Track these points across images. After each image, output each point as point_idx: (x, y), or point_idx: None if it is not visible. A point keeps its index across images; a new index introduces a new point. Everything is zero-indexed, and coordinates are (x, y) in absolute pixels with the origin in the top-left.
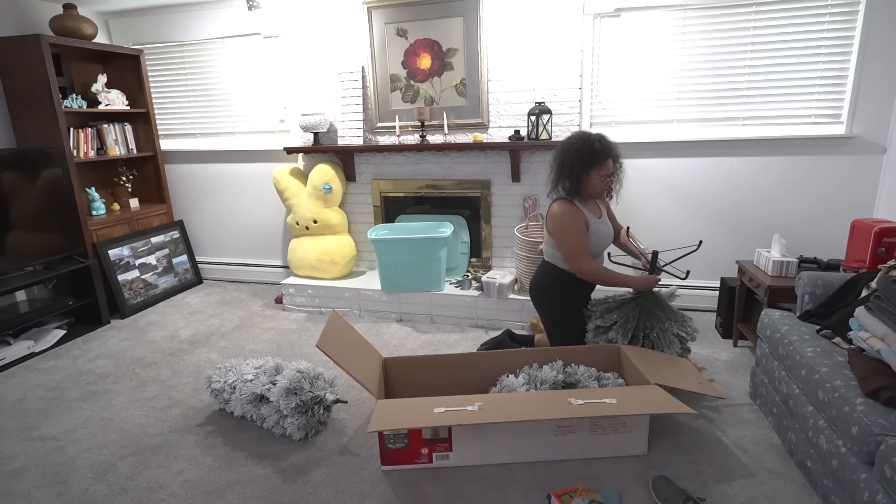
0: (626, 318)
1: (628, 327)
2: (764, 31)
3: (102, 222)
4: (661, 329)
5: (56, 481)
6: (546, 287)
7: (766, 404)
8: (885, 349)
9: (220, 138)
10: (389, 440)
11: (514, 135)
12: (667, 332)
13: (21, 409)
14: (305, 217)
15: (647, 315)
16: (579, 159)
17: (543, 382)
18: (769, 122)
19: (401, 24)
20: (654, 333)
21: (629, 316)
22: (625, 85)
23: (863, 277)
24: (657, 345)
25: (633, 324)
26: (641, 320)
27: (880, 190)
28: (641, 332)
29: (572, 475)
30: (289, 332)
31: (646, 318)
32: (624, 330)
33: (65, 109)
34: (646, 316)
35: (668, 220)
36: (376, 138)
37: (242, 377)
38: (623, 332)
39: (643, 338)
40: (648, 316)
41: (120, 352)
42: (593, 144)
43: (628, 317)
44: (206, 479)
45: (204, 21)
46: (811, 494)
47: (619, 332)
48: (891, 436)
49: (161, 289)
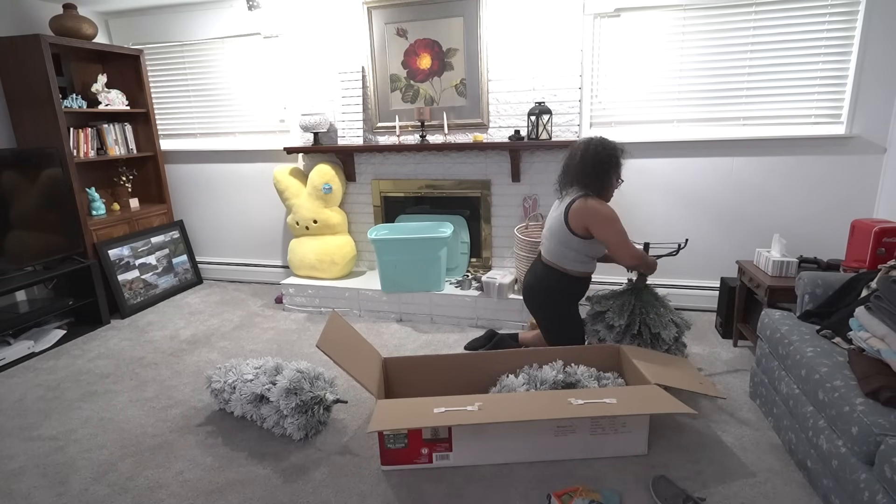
0: (623, 303)
1: (625, 309)
2: (764, 31)
3: (102, 222)
4: (656, 313)
5: (56, 481)
6: (549, 289)
7: (766, 404)
8: (885, 349)
9: (220, 138)
10: (389, 440)
11: (514, 135)
12: (662, 317)
13: (21, 409)
14: (305, 217)
15: (642, 302)
16: (615, 164)
17: (543, 382)
18: (769, 122)
19: (401, 24)
20: (649, 317)
21: (625, 301)
22: (625, 85)
23: (863, 277)
24: (654, 326)
25: (630, 308)
26: (637, 305)
27: (880, 190)
28: (638, 316)
29: (572, 475)
30: (289, 332)
31: (642, 305)
32: (620, 312)
33: (65, 109)
34: (641, 303)
35: (667, 219)
36: (376, 138)
37: (242, 377)
38: (619, 314)
39: (640, 322)
40: (644, 303)
41: (120, 352)
42: (618, 149)
43: (624, 301)
44: (206, 479)
45: (204, 21)
46: (811, 494)
47: (616, 313)
48: (891, 436)
49: (161, 289)
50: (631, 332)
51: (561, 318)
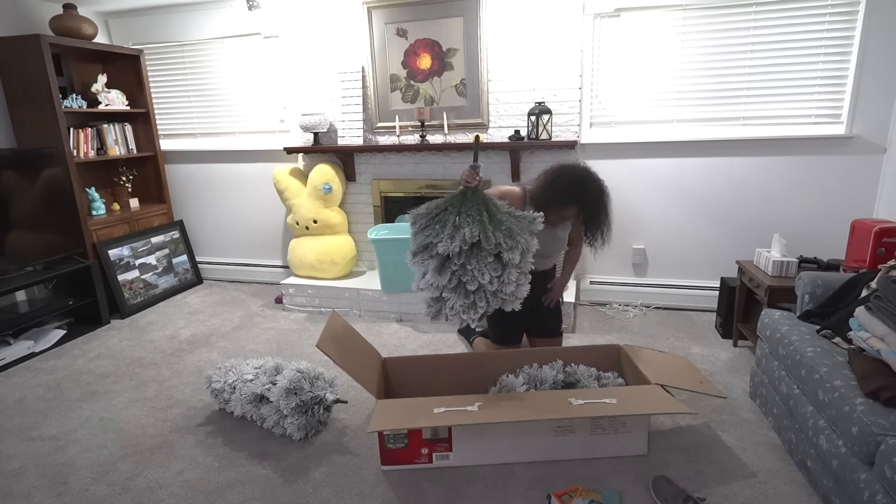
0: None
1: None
2: (764, 31)
3: (102, 222)
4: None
5: (56, 481)
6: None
7: (766, 404)
8: (885, 349)
9: (220, 138)
10: (389, 440)
11: (514, 135)
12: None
13: (21, 409)
14: (305, 217)
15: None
16: (553, 194)
17: (543, 382)
18: (769, 122)
19: (401, 24)
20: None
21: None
22: (625, 85)
23: (863, 277)
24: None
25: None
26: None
27: (880, 190)
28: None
29: (572, 475)
30: (289, 332)
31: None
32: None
33: (65, 109)
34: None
35: (667, 220)
36: (376, 138)
37: (242, 377)
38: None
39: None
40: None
41: (120, 352)
42: (573, 184)
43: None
44: (206, 479)
45: (204, 21)
46: (811, 494)
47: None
48: (891, 436)
49: (161, 289)
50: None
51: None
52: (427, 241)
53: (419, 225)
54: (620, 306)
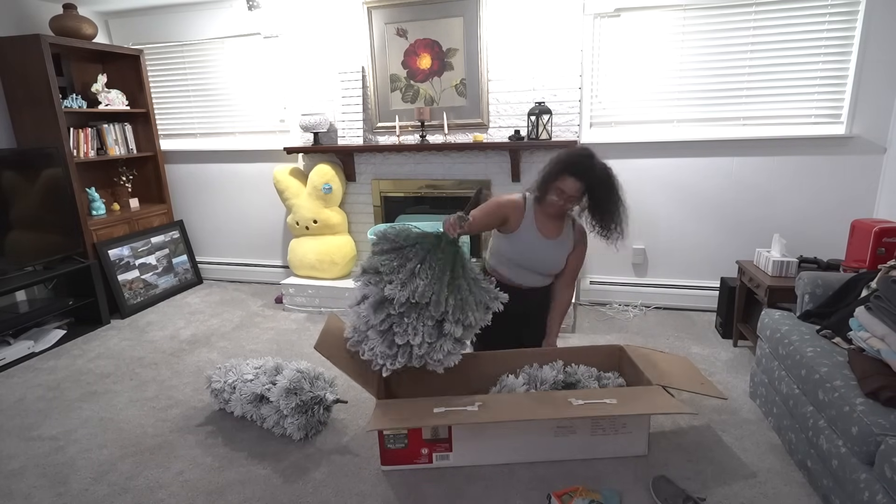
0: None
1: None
2: (764, 31)
3: (102, 222)
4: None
5: (56, 481)
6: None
7: (766, 404)
8: (885, 349)
9: (220, 138)
10: (389, 440)
11: (514, 135)
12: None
13: (21, 409)
14: (305, 217)
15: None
16: (549, 167)
17: (543, 382)
18: (769, 122)
19: (401, 24)
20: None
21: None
22: (625, 85)
23: (863, 277)
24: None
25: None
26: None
27: (880, 190)
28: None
29: (572, 475)
30: (289, 332)
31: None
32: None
33: (65, 109)
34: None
35: (668, 220)
36: (376, 138)
37: (242, 377)
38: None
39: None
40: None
41: (120, 352)
42: (570, 155)
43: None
44: (206, 479)
45: (204, 21)
46: (811, 494)
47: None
48: (891, 436)
49: (161, 289)
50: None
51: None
52: (379, 269)
53: (380, 247)
54: (620, 306)
